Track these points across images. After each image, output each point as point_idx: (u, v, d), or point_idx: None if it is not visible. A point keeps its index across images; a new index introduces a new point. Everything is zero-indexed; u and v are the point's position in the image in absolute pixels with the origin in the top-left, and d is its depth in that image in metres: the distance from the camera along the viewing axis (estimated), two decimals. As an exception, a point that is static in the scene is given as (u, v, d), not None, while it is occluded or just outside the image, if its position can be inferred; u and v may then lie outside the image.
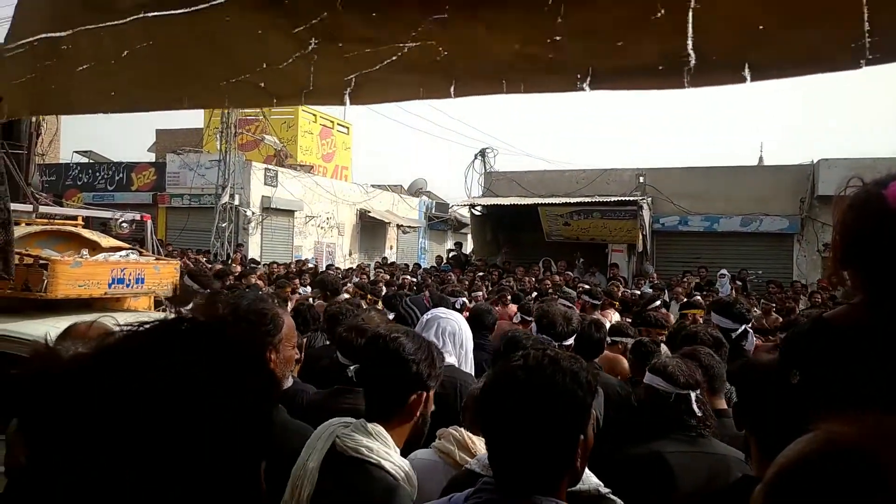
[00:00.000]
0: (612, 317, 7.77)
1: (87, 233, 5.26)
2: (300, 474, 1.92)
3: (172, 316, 0.83)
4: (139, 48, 1.79)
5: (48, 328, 3.91)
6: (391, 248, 25.70)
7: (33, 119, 5.44)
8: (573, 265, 16.12)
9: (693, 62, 1.42)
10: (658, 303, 8.88)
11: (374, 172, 63.29)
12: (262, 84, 1.75)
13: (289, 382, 2.32)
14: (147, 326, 0.78)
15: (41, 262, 4.25)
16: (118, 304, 5.00)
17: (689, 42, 1.42)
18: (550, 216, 17.19)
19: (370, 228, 24.42)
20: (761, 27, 1.40)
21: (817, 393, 1.36)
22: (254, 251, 18.40)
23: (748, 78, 1.42)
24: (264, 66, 1.72)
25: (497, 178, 19.89)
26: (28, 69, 1.97)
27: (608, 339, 4.34)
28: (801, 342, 1.48)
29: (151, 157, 22.85)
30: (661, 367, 2.61)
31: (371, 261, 21.12)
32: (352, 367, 3.00)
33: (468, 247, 20.60)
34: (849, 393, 1.31)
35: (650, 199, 17.43)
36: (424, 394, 1.97)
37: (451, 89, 1.61)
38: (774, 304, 10.19)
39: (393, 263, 17.49)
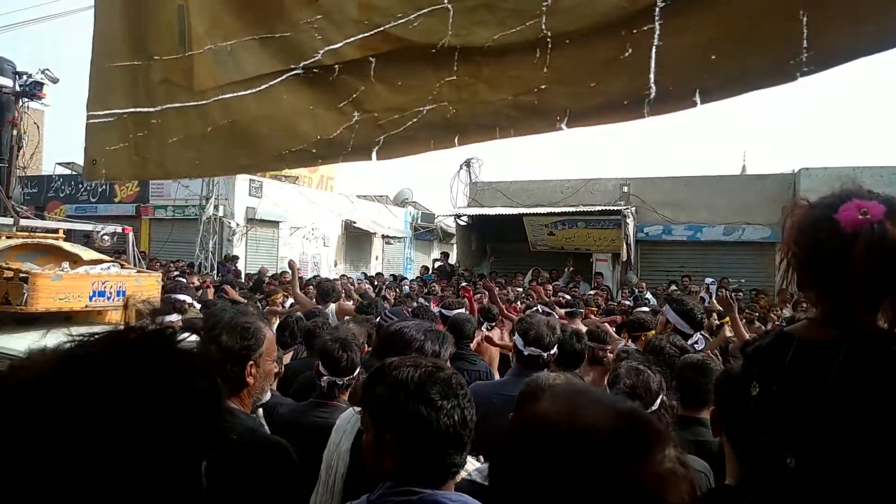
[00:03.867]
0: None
1: (68, 246, 5.24)
2: (334, 456, 2.17)
3: (122, 327, 0.89)
4: (222, 125, 2.14)
5: (28, 342, 3.89)
6: (376, 258, 25.67)
7: (14, 132, 5.43)
8: (560, 274, 16.18)
9: (653, 94, 1.66)
10: (646, 309, 8.93)
11: (359, 183, 63.17)
12: (314, 150, 2.09)
13: (267, 396, 2.33)
14: (96, 338, 0.86)
15: (21, 275, 4.23)
16: (100, 317, 4.97)
17: (652, 77, 1.65)
18: (535, 226, 17.27)
19: (355, 239, 24.39)
20: (713, 57, 1.61)
21: (774, 404, 1.39)
22: (239, 263, 18.31)
23: (698, 102, 1.63)
24: (318, 137, 2.06)
25: (482, 189, 19.96)
26: (121, 138, 2.33)
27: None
28: (761, 354, 1.51)
29: (135, 169, 22.71)
30: (615, 381, 2.66)
31: (357, 271, 21.08)
32: (325, 380, 3.01)
33: (454, 257, 20.62)
34: (804, 406, 1.34)
35: (634, 208, 17.56)
36: None
37: (456, 140, 1.94)
38: (757, 314, 10.28)
39: (380, 274, 17.48)
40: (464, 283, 11.02)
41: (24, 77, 5.41)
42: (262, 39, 2.04)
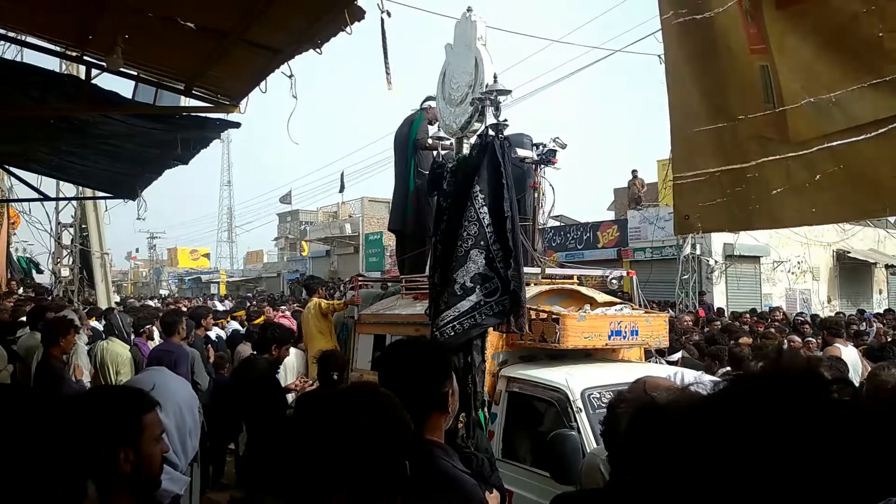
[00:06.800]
0: None
1: (584, 289, 5.88)
2: None
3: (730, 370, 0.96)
4: (831, 171, 2.12)
5: (564, 374, 4.47)
6: (880, 292, 22.16)
7: (535, 195, 6.36)
8: None
9: None
10: None
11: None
12: None
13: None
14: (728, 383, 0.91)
15: (553, 316, 4.90)
16: (614, 354, 5.43)
17: None
18: None
19: (850, 271, 21.53)
20: None
21: None
22: (718, 300, 17.92)
23: None
24: None
25: None
26: (717, 194, 2.51)
27: None
28: None
29: (612, 216, 24.32)
30: None
31: (855, 308, 18.56)
32: None
33: None
34: None
35: None
36: None
37: None
38: None
39: (889, 311, 15.05)
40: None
41: (540, 147, 6.33)
42: (871, 85, 1.98)
